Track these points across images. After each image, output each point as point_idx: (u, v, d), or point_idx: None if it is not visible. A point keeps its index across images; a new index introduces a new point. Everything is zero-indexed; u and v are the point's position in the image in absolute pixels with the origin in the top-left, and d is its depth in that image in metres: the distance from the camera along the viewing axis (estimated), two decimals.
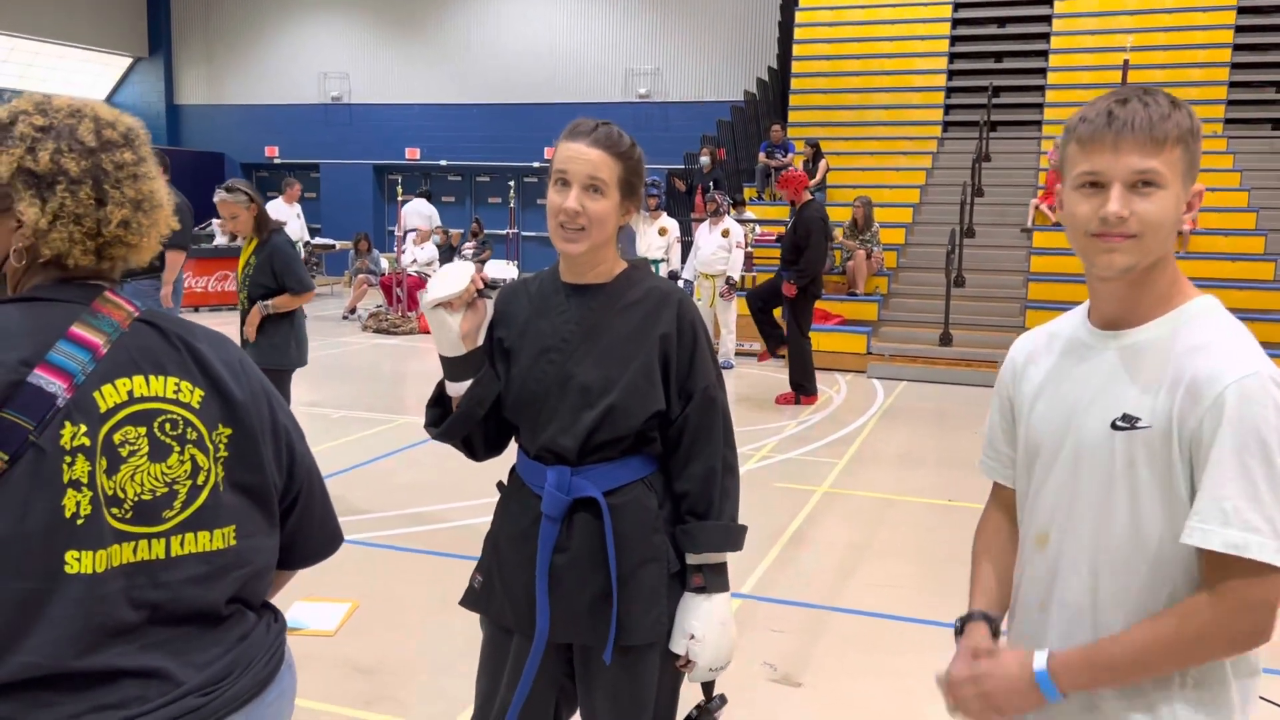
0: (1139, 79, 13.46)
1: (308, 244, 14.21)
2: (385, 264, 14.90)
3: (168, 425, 1.31)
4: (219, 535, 1.35)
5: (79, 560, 1.22)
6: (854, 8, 15.85)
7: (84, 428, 1.24)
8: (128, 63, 22.55)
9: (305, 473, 1.48)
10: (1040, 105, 14.54)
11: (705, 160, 13.67)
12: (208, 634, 1.33)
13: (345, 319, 13.99)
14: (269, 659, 1.40)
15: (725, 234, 10.11)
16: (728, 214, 10.40)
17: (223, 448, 1.36)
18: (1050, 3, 14.92)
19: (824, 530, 5.36)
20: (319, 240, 17.09)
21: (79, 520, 1.23)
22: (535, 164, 19.10)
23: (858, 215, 11.56)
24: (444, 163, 20.68)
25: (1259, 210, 11.90)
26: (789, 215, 9.17)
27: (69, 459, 1.23)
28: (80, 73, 21.91)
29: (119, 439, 1.27)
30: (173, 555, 1.30)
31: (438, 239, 15.19)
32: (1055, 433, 1.52)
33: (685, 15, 18.69)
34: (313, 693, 3.44)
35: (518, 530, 2.00)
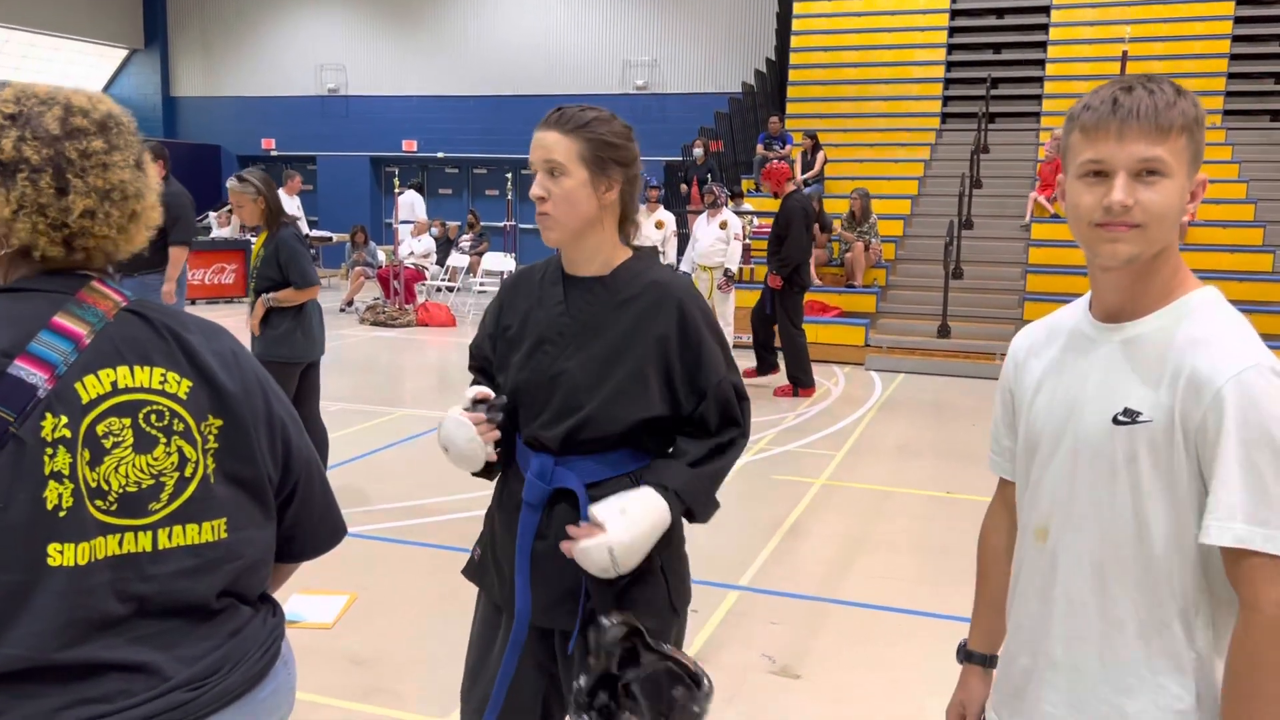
0: (1137, 70, 13.32)
1: (306, 236, 14.18)
2: (382, 256, 14.87)
3: (153, 416, 1.30)
4: (209, 528, 1.33)
5: (61, 553, 1.22)
6: None
7: (65, 419, 1.23)
8: (124, 54, 22.47)
9: (302, 465, 1.46)
10: (1039, 97, 14.52)
11: (699, 152, 13.64)
12: (198, 628, 1.32)
13: (343, 311, 13.97)
14: (263, 654, 1.39)
15: (723, 226, 10.08)
16: (726, 206, 10.38)
17: (212, 439, 1.34)
18: None
19: (822, 522, 5.36)
20: (316, 233, 17.06)
21: (61, 513, 1.22)
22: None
23: (855, 207, 11.55)
24: (441, 155, 20.63)
25: (1257, 201, 11.89)
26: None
27: (50, 451, 1.22)
28: (76, 64, 21.83)
29: (102, 430, 1.26)
30: (160, 548, 1.29)
31: (435, 231, 15.17)
32: (1055, 426, 1.51)
33: (683, 6, 18.63)
34: (310, 685, 3.43)
35: (507, 511, 2.02)
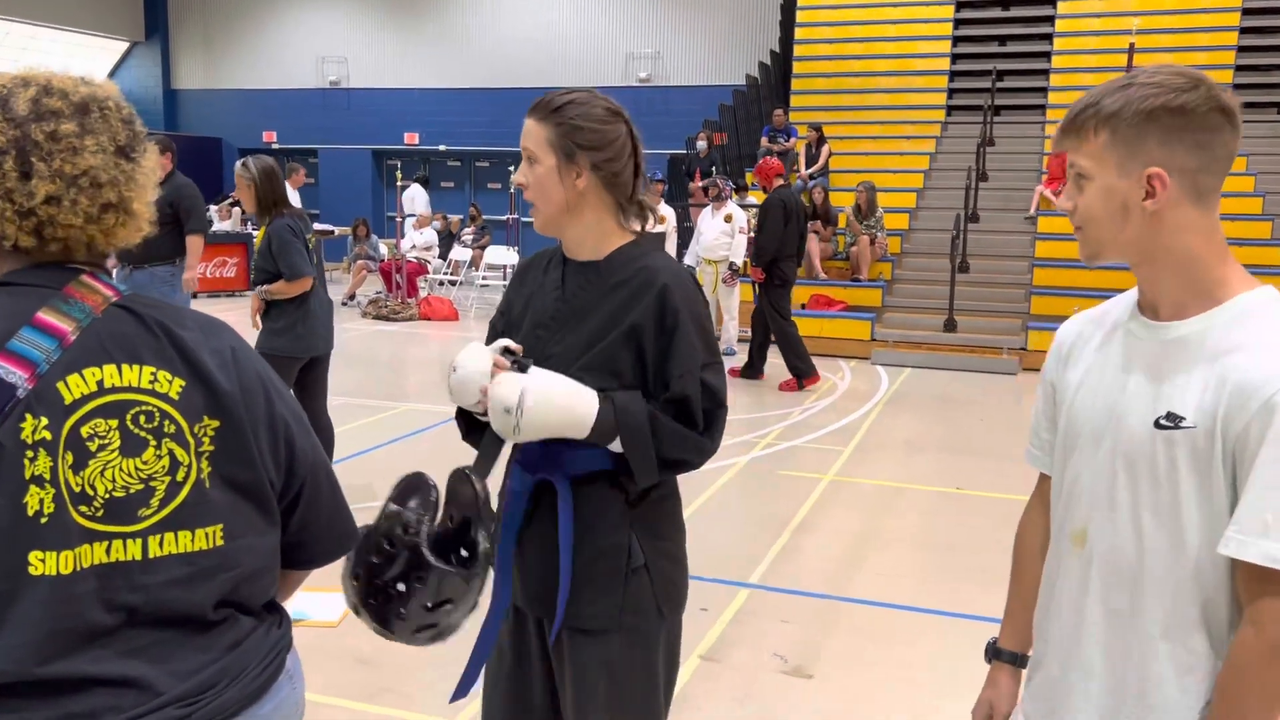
0: (1144, 62, 13.30)
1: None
2: (384, 250, 14.80)
3: (142, 418, 1.23)
4: (203, 535, 1.26)
5: (43, 561, 1.15)
6: None
7: (45, 420, 1.17)
8: (124, 47, 22.38)
9: (308, 468, 1.39)
10: (1044, 89, 14.42)
11: (702, 145, 13.56)
12: (193, 640, 1.26)
13: (344, 305, 13.90)
14: (264, 668, 1.32)
15: (728, 219, 10.02)
16: (730, 199, 10.31)
17: (207, 441, 1.27)
18: None
19: (830, 519, 5.30)
20: (318, 226, 16.98)
21: (42, 519, 1.15)
22: None
23: (861, 201, 11.47)
24: (443, 148, 20.55)
25: (1265, 195, 11.80)
26: None
27: (30, 454, 1.15)
28: (76, 57, 21.74)
29: (87, 432, 1.19)
30: (151, 556, 1.22)
31: (437, 224, 15.10)
32: (1096, 425, 1.45)
33: None
34: (315, 685, 3.36)
35: (505, 496, 2.01)
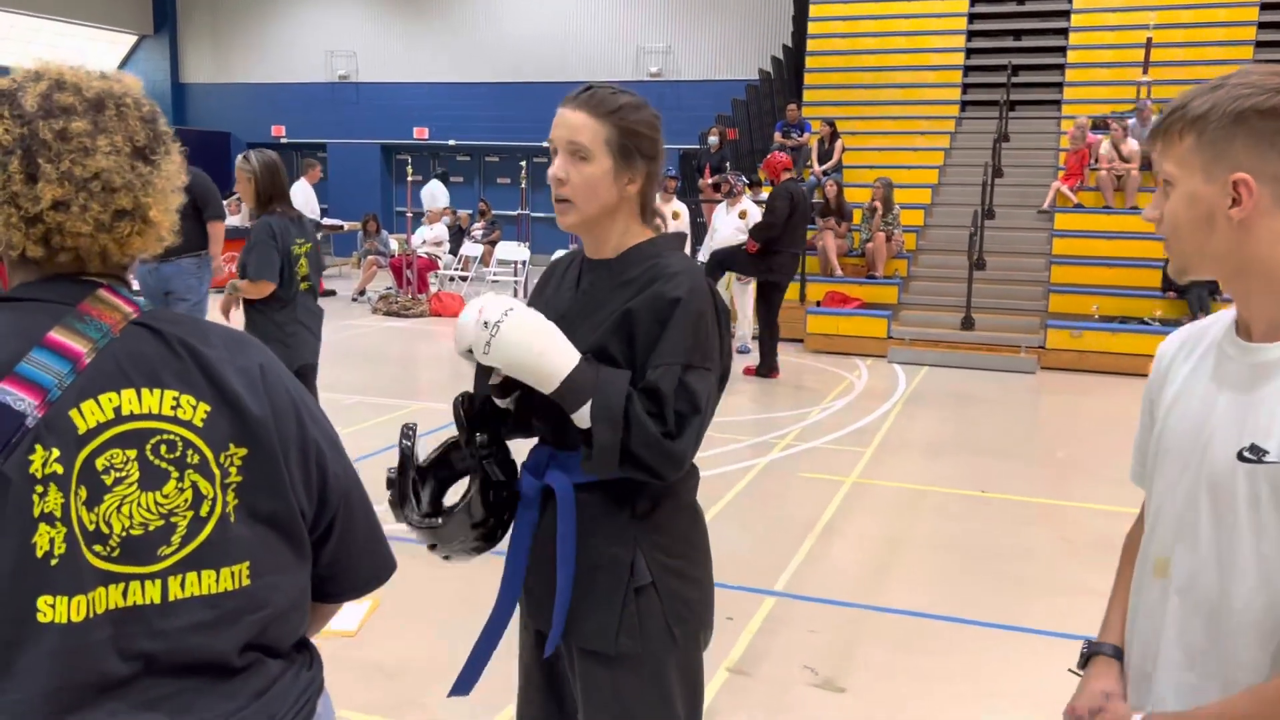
0: (1161, 58, 13.20)
1: (318, 224, 14.05)
2: (395, 245, 14.71)
3: (163, 447, 1.13)
4: (228, 574, 1.16)
5: (53, 607, 1.05)
6: None
7: (57, 452, 1.07)
8: (133, 40, 22.32)
9: (341, 495, 1.28)
10: (1060, 84, 14.28)
11: (714, 140, 13.44)
12: (216, 688, 1.15)
13: (355, 301, 13.82)
14: (295, 715, 1.22)
15: (743, 215, 9.91)
16: (744, 195, 10.21)
17: (234, 472, 1.17)
18: None
19: (855, 523, 5.19)
20: (327, 221, 16.89)
21: (52, 560, 1.05)
22: (545, 144, 18.72)
23: (878, 197, 11.35)
24: (453, 142, 20.46)
25: None
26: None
27: (40, 489, 1.05)
28: (84, 51, 21.66)
29: (102, 464, 1.09)
30: (171, 599, 1.12)
31: (447, 220, 15.00)
32: (1182, 449, 1.37)
33: None
34: (335, 699, 3.29)
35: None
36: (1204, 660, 1.32)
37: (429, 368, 9.97)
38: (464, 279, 14.29)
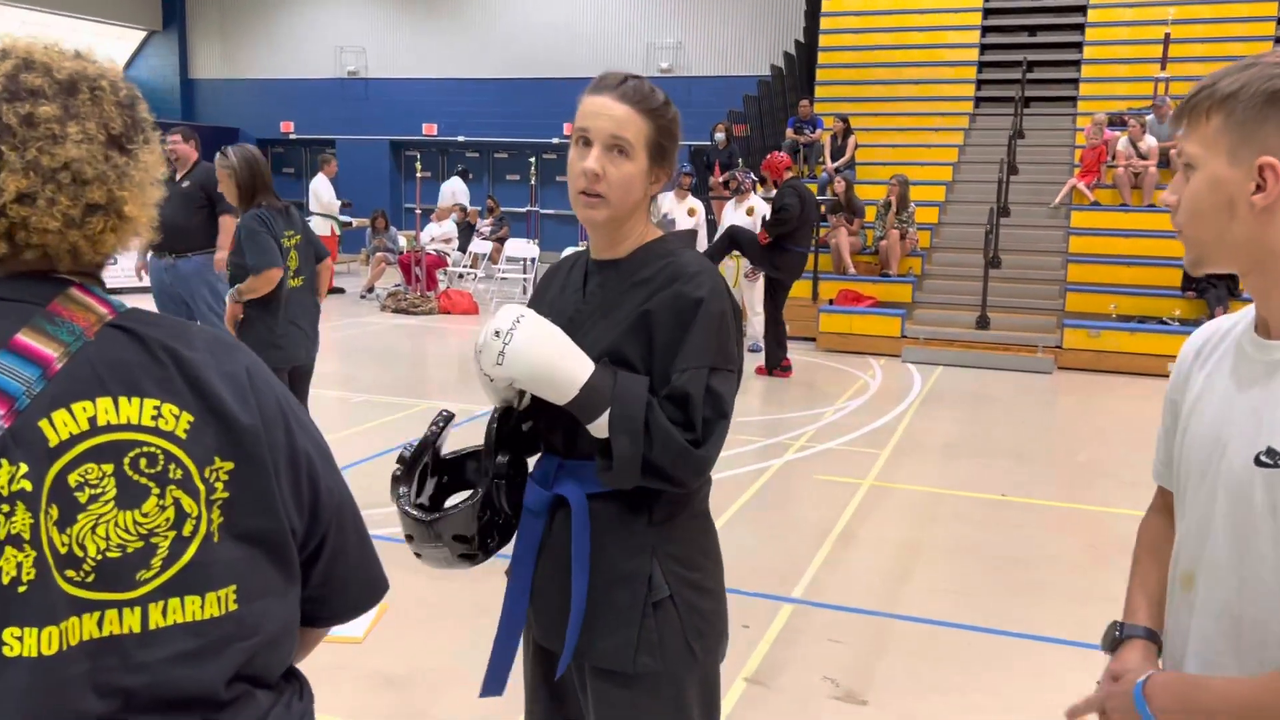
0: (1180, 53, 13.03)
1: (347, 223, 14.05)
2: (403, 242, 14.63)
3: (143, 461, 1.02)
4: (214, 599, 1.05)
5: (21, 639, 0.94)
6: None
7: (25, 467, 0.96)
8: (142, 36, 22.28)
9: (334, 510, 1.18)
10: (1076, 80, 14.11)
11: (720, 137, 13.33)
12: None
13: (363, 298, 13.75)
14: None
15: (750, 212, 9.81)
16: (753, 191, 10.10)
17: (220, 487, 1.06)
18: None
19: (873, 528, 5.08)
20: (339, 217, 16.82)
21: (20, 587, 0.95)
22: (554, 140, 18.77)
23: (893, 195, 11.21)
24: (462, 139, 20.36)
25: None
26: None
27: (6, 508, 0.95)
28: (93, 46, 21.59)
29: (76, 480, 0.99)
30: (152, 627, 1.01)
31: (456, 216, 14.91)
32: (1202, 456, 1.31)
33: None
34: (339, 708, 3.20)
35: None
36: (1224, 674, 1.26)
37: (437, 366, 9.87)
38: (473, 275, 14.19)
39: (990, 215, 10.74)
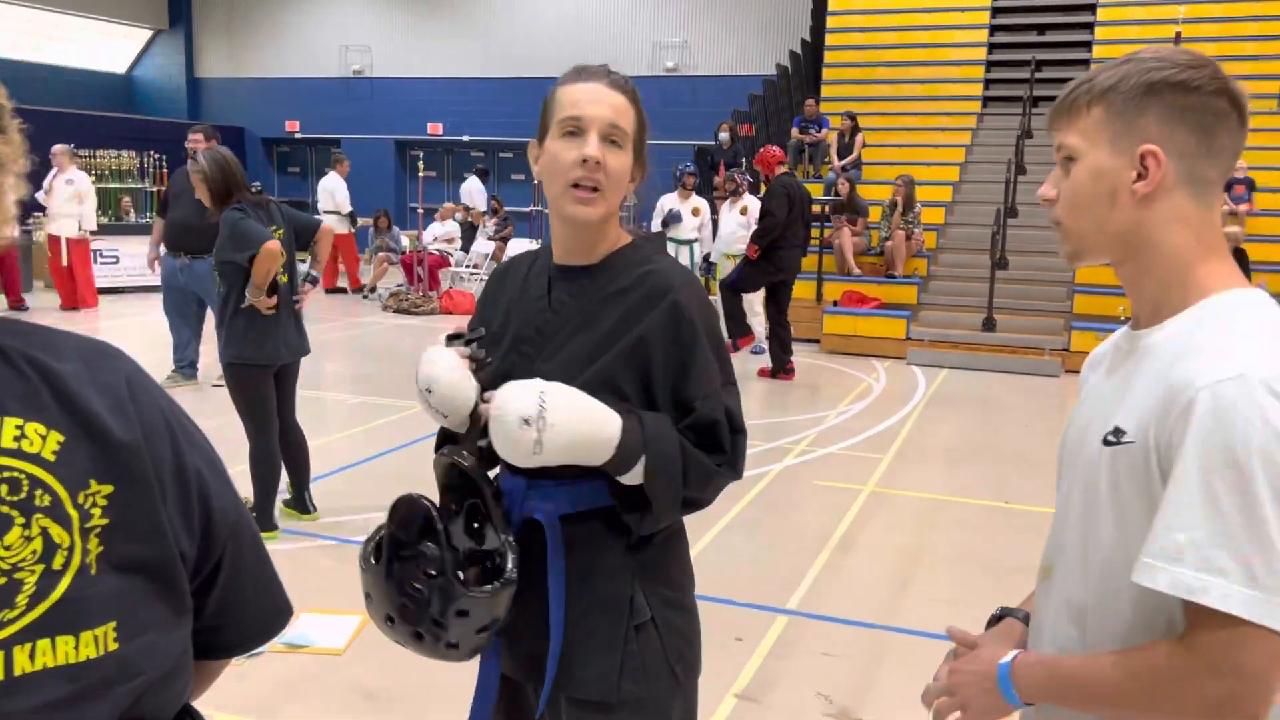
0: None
1: (350, 214, 13.98)
2: (406, 241, 14.55)
3: (4, 488, 0.90)
4: (90, 638, 0.93)
5: None
6: None
7: None
8: (148, 35, 22.27)
9: (229, 531, 1.06)
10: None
11: (725, 136, 13.22)
12: None
13: (365, 298, 13.66)
14: None
15: (744, 212, 9.74)
16: (747, 191, 10.01)
17: (97, 514, 0.94)
18: None
19: (873, 535, 4.96)
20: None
21: None
22: None
23: (899, 195, 11.08)
24: (466, 138, 20.29)
25: None
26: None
27: None
28: (99, 45, 21.64)
29: None
30: (18, 673, 0.89)
31: (459, 216, 14.82)
32: (1070, 451, 1.34)
33: None
34: None
35: None
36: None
37: None
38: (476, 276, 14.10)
39: (997, 216, 10.59)
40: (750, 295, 9.80)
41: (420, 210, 14.14)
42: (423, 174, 14.98)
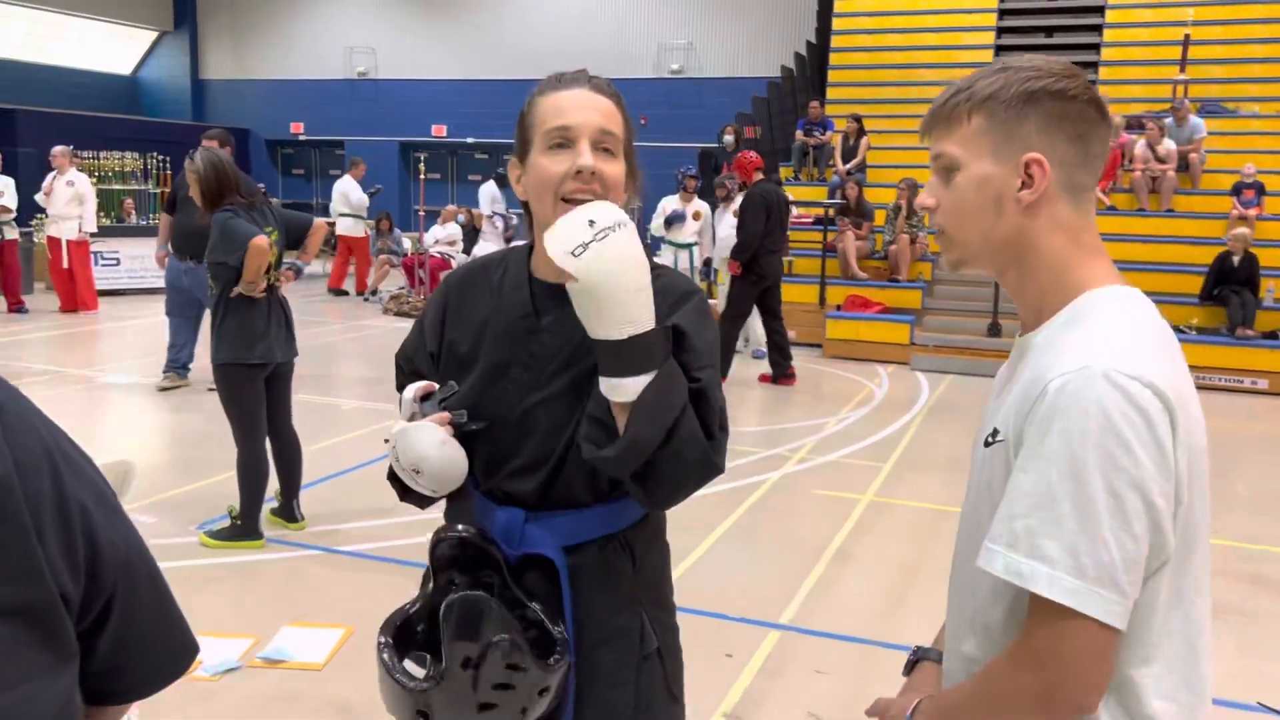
0: (1200, 55, 12.74)
1: (365, 216, 13.96)
2: (408, 244, 14.48)
3: None
4: None
5: None
6: None
7: None
8: (153, 36, 22.27)
9: (119, 567, 0.98)
10: (1093, 83, 13.78)
11: (729, 139, 13.14)
12: None
13: (366, 301, 13.60)
14: None
15: (736, 214, 9.63)
16: (738, 195, 9.91)
17: None
18: None
19: (871, 546, 4.86)
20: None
21: None
22: None
23: (903, 199, 10.98)
24: (470, 140, 20.23)
25: None
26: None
27: None
28: (105, 47, 21.65)
29: None
30: None
31: (461, 218, 14.75)
32: (971, 462, 1.34)
33: None
34: None
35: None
36: (960, 661, 1.30)
37: None
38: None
39: None
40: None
41: (422, 212, 14.08)
42: (425, 176, 14.92)
